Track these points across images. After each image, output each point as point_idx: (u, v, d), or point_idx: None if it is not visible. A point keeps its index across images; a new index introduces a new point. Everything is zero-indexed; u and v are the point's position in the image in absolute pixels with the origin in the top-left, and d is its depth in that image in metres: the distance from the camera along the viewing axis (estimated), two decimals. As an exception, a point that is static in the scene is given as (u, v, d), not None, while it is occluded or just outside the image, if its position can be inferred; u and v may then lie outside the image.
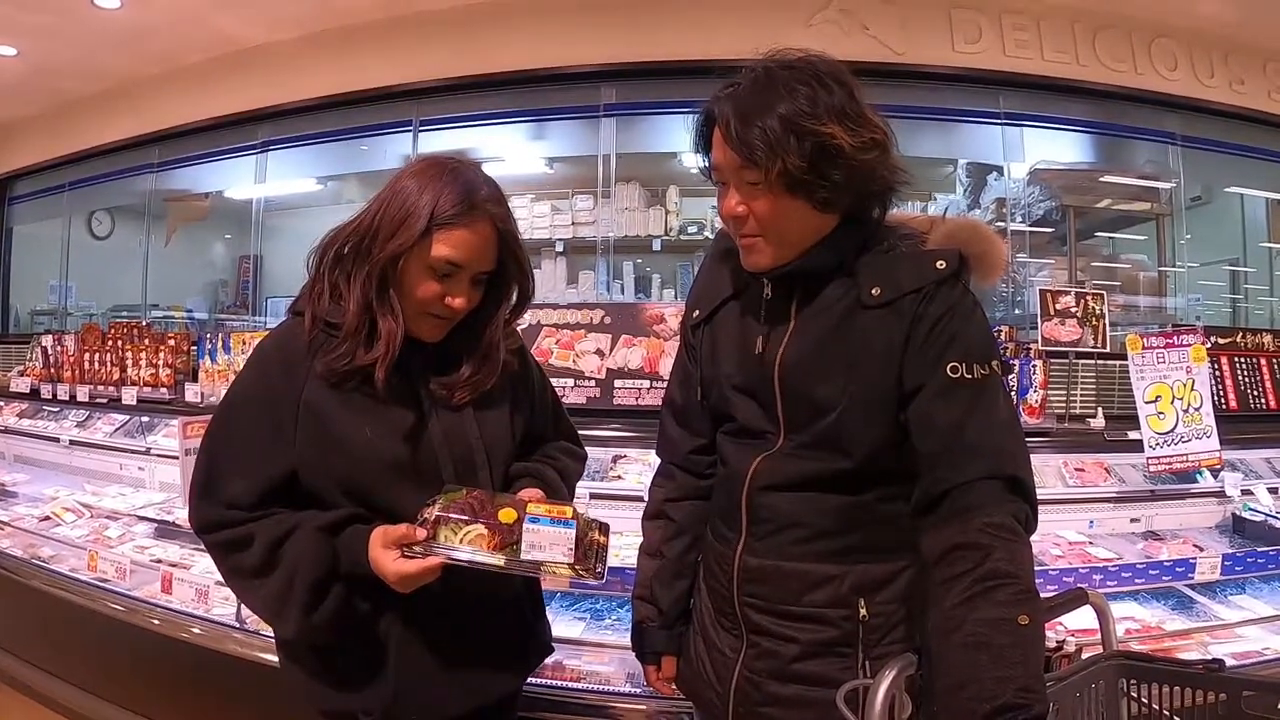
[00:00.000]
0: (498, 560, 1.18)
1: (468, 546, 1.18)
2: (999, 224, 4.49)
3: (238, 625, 2.48)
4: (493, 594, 1.39)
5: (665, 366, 2.81)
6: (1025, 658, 0.95)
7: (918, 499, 1.15)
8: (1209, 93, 4.54)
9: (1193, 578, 2.49)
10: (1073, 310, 2.94)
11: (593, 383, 2.91)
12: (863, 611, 1.22)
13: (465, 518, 1.20)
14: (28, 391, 4.23)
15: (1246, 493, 2.81)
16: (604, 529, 1.31)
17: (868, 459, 1.20)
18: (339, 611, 1.24)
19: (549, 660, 1.64)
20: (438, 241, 1.25)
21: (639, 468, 2.72)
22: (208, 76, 5.29)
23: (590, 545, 1.25)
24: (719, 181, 1.24)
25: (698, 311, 1.43)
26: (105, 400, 3.78)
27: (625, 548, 2.26)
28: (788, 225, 1.18)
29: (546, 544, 1.19)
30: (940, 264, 1.18)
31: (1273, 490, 2.84)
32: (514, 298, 1.40)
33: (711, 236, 4.31)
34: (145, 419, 3.67)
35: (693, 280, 1.53)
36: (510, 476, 1.46)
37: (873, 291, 1.19)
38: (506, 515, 1.21)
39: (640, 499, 1.56)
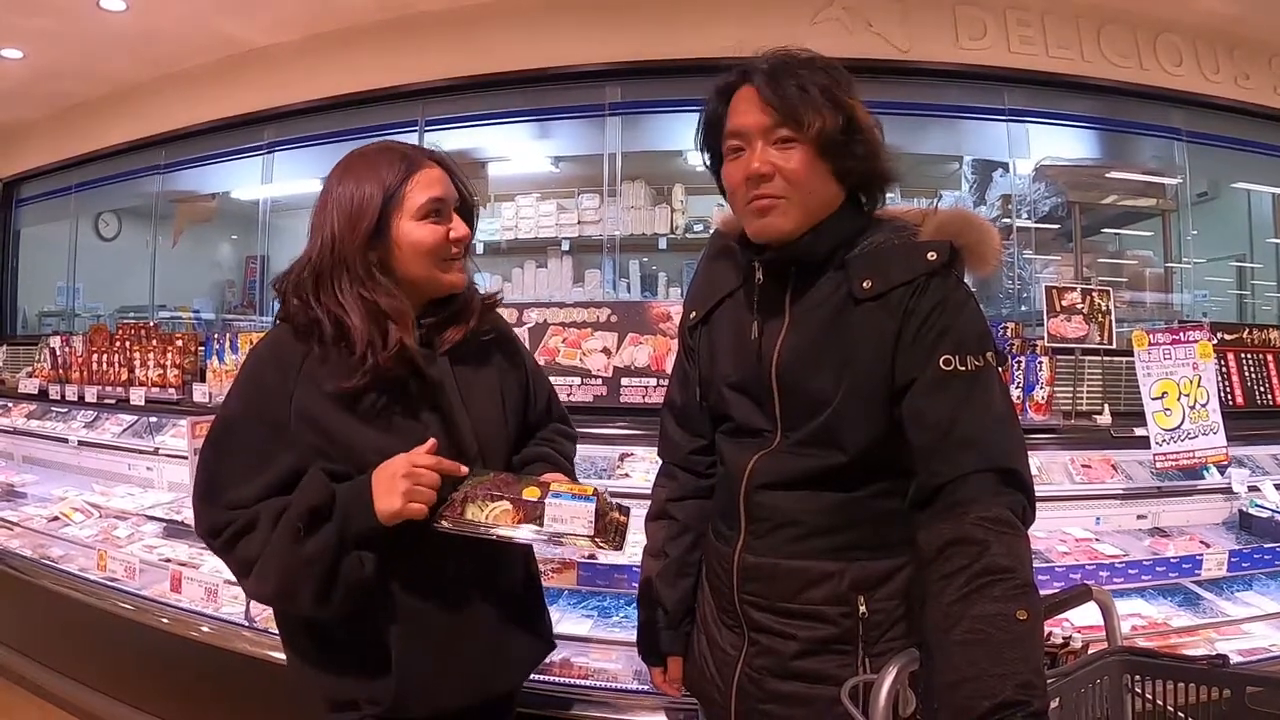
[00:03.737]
0: (522, 533, 1.23)
1: (494, 521, 1.24)
2: (1005, 220, 4.48)
3: (246, 624, 2.49)
4: (494, 586, 1.41)
5: (671, 364, 2.82)
6: (1024, 653, 0.94)
7: (913, 494, 1.15)
8: (1214, 88, 4.50)
9: (1199, 574, 2.49)
10: (1079, 307, 2.94)
11: (599, 381, 2.92)
12: (862, 609, 1.23)
13: (491, 494, 1.25)
14: (36, 392, 4.25)
15: (1253, 489, 2.81)
16: (624, 510, 1.35)
17: (863, 454, 1.21)
18: (331, 552, 1.21)
19: (557, 657, 1.66)
20: (412, 191, 1.30)
21: (646, 465, 2.72)
22: (213, 78, 5.29)
23: (610, 522, 1.29)
24: (735, 149, 1.24)
25: (694, 313, 1.44)
26: (113, 401, 3.80)
27: (632, 545, 2.27)
28: (813, 187, 1.21)
29: (568, 517, 1.24)
30: (931, 255, 1.18)
31: (1279, 486, 2.83)
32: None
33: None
34: (153, 419, 3.69)
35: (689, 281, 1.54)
36: (522, 461, 1.50)
37: (864, 284, 1.20)
38: (530, 493, 1.26)
39: (647, 496, 1.57)
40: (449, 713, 1.37)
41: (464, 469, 1.28)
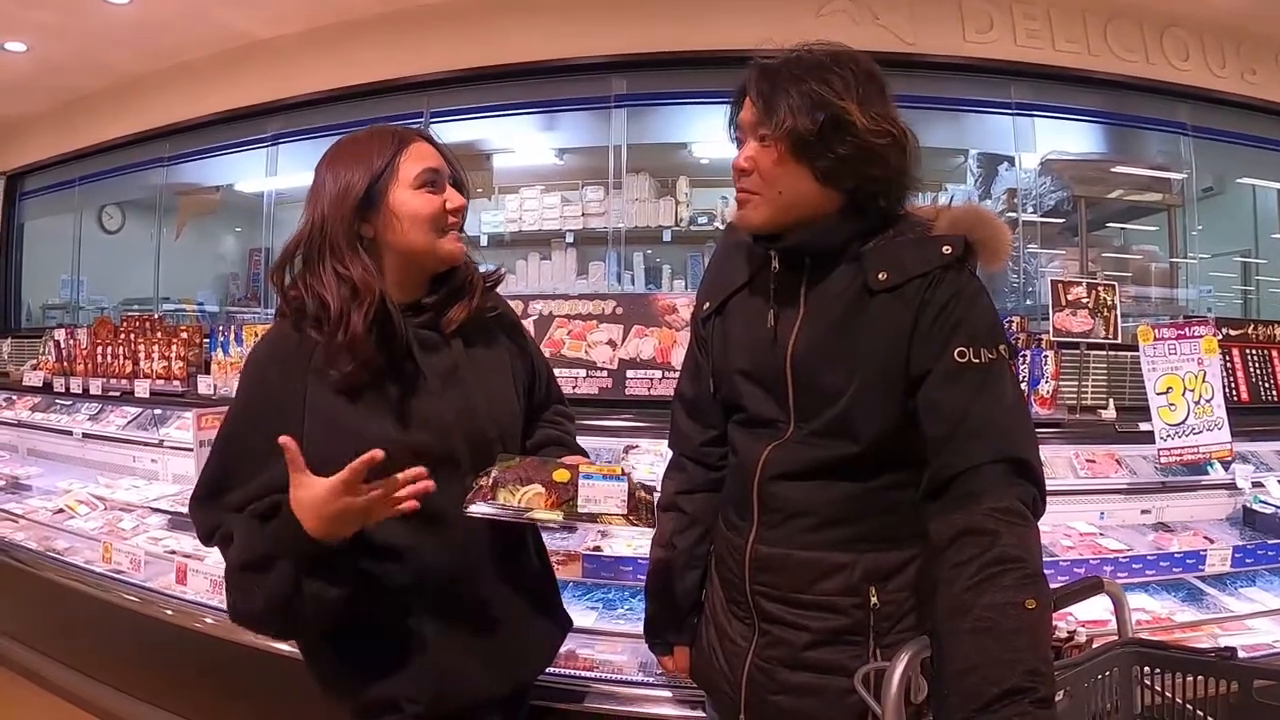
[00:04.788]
0: (556, 515, 1.24)
1: (527, 504, 1.25)
2: (1010, 214, 4.46)
3: (252, 615, 2.49)
4: (511, 574, 1.41)
5: (677, 356, 2.82)
6: (1032, 642, 0.97)
7: (926, 484, 1.16)
8: (1221, 83, 4.50)
9: (1203, 570, 2.49)
10: (1084, 301, 2.93)
11: (605, 373, 2.92)
12: (874, 600, 1.23)
13: (521, 478, 1.27)
14: (41, 385, 4.25)
15: (1257, 485, 2.80)
16: (649, 489, 1.36)
17: (875, 445, 1.21)
18: (288, 591, 1.16)
19: (563, 649, 1.65)
20: (406, 162, 1.30)
21: (651, 458, 2.72)
22: (217, 71, 5.29)
23: (640, 501, 1.30)
24: (740, 141, 1.28)
25: (708, 303, 1.44)
26: (118, 393, 3.80)
27: (637, 537, 2.27)
28: (785, 186, 1.22)
29: (601, 497, 1.25)
30: (946, 249, 1.19)
31: (1283, 482, 2.82)
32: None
33: (722, 227, 4.29)
34: (158, 411, 3.69)
35: (703, 272, 1.54)
36: (535, 446, 1.50)
37: (879, 276, 1.20)
38: (560, 476, 1.27)
39: (652, 489, 1.57)
40: (481, 703, 1.37)
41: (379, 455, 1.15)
